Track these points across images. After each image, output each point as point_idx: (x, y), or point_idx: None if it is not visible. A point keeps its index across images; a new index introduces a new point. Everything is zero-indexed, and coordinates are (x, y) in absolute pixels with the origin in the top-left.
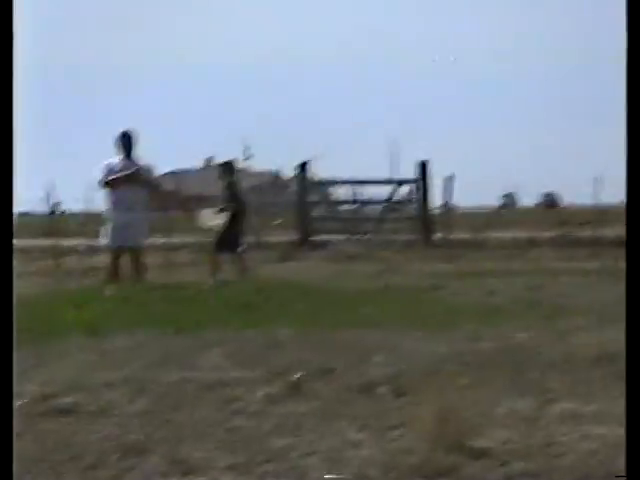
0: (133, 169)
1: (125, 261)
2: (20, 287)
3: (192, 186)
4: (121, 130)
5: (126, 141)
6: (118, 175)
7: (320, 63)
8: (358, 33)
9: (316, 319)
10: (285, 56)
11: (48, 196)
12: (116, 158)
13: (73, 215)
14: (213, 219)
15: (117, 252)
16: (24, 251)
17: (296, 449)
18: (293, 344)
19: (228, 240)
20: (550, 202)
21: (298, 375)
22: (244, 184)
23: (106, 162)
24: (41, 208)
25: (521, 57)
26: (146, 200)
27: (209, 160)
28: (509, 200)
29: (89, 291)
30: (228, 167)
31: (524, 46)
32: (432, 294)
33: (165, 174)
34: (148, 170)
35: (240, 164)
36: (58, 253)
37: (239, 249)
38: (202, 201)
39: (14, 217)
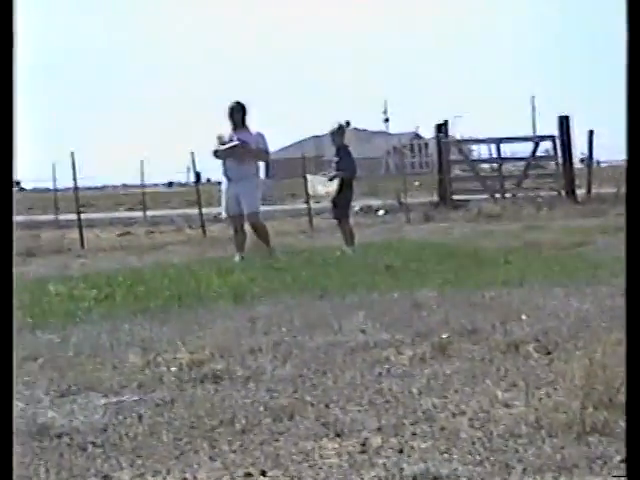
0: (236, 142)
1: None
2: (170, 256)
3: (333, 150)
4: (232, 101)
5: (236, 112)
6: (225, 147)
7: (457, 23)
8: None
9: (459, 279)
10: (422, 16)
11: (191, 167)
12: (228, 129)
13: (218, 184)
14: (324, 186)
15: (233, 221)
16: (172, 221)
17: (445, 410)
18: (437, 305)
19: (340, 206)
20: None
21: (444, 336)
22: (384, 146)
23: (218, 133)
24: (185, 179)
25: None
26: (255, 169)
27: (348, 123)
28: None
29: (231, 259)
30: (339, 132)
31: None
32: (577, 250)
33: (306, 139)
34: (258, 140)
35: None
36: (204, 221)
37: (348, 216)
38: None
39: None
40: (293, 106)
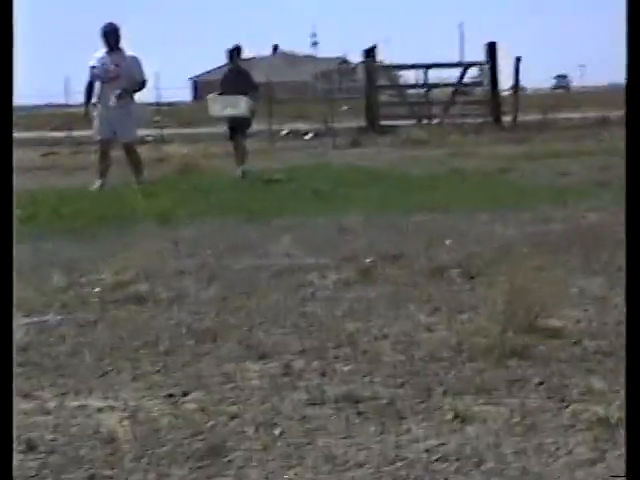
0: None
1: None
2: (95, 177)
3: (259, 74)
4: (105, 23)
5: (110, 34)
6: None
7: None
8: None
9: (385, 204)
10: None
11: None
12: (101, 52)
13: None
14: (227, 107)
15: (102, 146)
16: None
17: (368, 333)
18: (363, 230)
19: (241, 127)
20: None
21: (368, 260)
22: (312, 70)
23: (93, 56)
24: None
25: None
26: (130, 94)
27: (276, 47)
28: (562, 81)
29: (159, 181)
30: (236, 53)
31: None
32: (502, 177)
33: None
34: (132, 64)
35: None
36: None
37: (245, 138)
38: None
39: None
40: (221, 28)
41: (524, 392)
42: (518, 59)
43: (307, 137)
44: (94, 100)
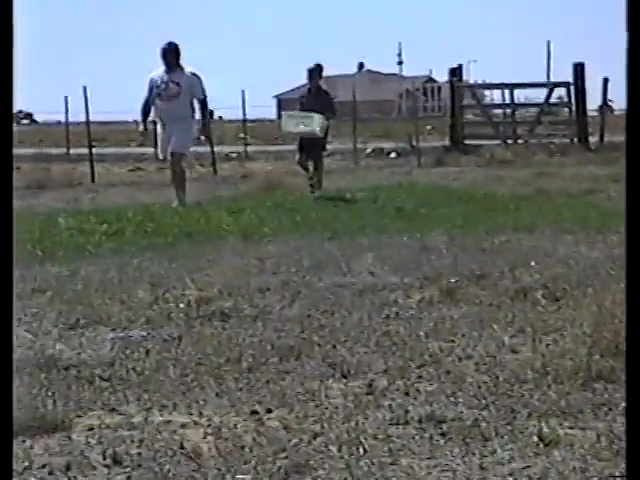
0: (169, 83)
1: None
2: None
3: (344, 92)
4: (165, 43)
5: (169, 53)
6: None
7: None
8: None
9: (469, 224)
10: None
11: None
12: (160, 70)
13: (230, 122)
14: (299, 124)
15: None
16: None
17: (451, 353)
18: (446, 249)
19: (315, 149)
20: None
21: (453, 280)
22: (397, 88)
23: (150, 75)
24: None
25: None
26: (190, 110)
27: (361, 65)
28: None
29: (243, 198)
30: (316, 72)
31: None
32: (587, 198)
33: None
34: (193, 82)
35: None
36: (215, 159)
37: (319, 159)
38: (350, 107)
39: None
40: (307, 46)
41: (611, 416)
42: (606, 80)
43: (391, 155)
44: (152, 118)
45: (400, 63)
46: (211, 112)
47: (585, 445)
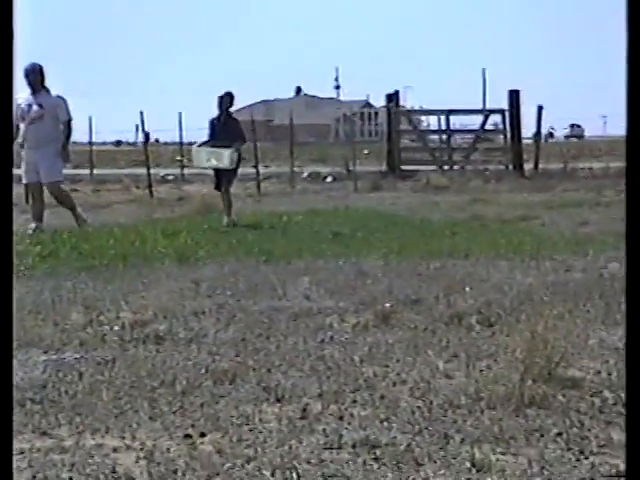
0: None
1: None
2: (116, 215)
3: (282, 116)
4: (28, 63)
5: (32, 74)
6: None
7: None
8: None
9: (405, 249)
10: None
11: (140, 126)
12: (26, 92)
13: (166, 145)
14: (210, 159)
15: (31, 190)
16: (119, 180)
17: (386, 378)
18: (382, 274)
19: (226, 177)
20: None
21: (388, 305)
22: (334, 113)
23: (18, 96)
24: (134, 138)
25: None
26: (56, 134)
27: (299, 89)
28: (576, 130)
29: (179, 220)
30: (226, 99)
31: None
32: (522, 225)
33: (256, 103)
34: (58, 104)
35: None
36: (151, 182)
37: (228, 185)
38: (289, 130)
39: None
40: (247, 71)
41: (543, 442)
42: (540, 107)
43: (328, 180)
44: (19, 140)
45: (337, 87)
46: (147, 134)
47: (517, 471)
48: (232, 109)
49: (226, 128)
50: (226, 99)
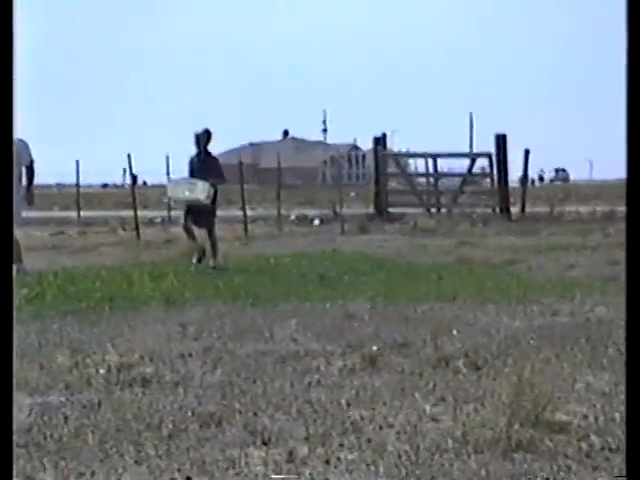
0: None
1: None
2: (102, 258)
3: (269, 159)
4: None
5: None
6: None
7: (399, 37)
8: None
9: (392, 292)
10: (366, 31)
11: (127, 169)
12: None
13: (153, 187)
14: (184, 190)
15: None
16: (106, 222)
17: (372, 422)
18: (369, 317)
19: (204, 215)
20: None
21: (375, 348)
22: (322, 156)
23: None
24: (121, 180)
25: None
26: (16, 175)
27: (286, 132)
28: (562, 174)
29: (166, 263)
30: (204, 137)
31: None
32: (509, 268)
33: (243, 146)
34: (19, 147)
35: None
36: (138, 224)
37: (211, 227)
38: (277, 173)
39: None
40: (230, 112)
41: None
42: (527, 151)
43: (315, 223)
44: None
45: (325, 131)
46: (135, 177)
47: None
48: (221, 150)
49: (205, 166)
50: (203, 136)
